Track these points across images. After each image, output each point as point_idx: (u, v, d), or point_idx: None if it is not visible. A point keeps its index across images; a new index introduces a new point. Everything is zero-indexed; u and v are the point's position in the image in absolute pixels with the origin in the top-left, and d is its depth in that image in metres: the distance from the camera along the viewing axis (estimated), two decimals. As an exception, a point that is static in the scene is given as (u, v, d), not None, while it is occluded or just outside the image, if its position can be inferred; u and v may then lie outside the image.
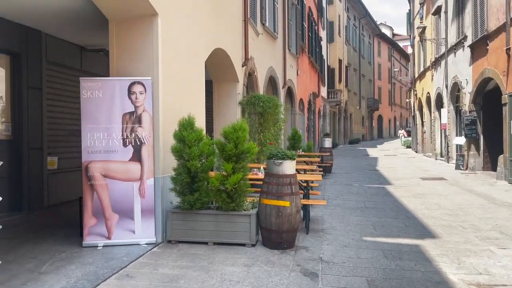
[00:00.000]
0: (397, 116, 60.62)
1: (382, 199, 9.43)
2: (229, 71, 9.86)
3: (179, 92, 6.22)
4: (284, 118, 12.96)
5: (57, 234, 6.00)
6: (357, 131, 44.21)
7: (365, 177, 13.91)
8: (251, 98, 10.17)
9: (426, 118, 23.33)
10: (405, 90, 62.76)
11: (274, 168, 5.36)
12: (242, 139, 5.32)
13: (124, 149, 5.42)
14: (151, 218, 5.49)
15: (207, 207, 5.52)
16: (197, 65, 7.13)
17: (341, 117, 37.44)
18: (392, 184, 12.00)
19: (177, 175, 5.41)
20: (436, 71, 20.05)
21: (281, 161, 5.32)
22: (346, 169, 16.34)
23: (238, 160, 5.36)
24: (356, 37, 42.82)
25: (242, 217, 5.38)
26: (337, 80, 34.64)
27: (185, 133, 5.31)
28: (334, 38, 34.06)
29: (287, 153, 5.41)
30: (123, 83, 5.43)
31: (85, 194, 5.35)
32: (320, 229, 6.49)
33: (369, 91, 48.51)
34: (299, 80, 19.38)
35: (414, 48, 26.63)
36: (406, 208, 8.35)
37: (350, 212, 7.94)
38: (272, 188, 5.32)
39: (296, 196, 5.37)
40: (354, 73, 42.17)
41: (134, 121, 5.44)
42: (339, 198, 9.51)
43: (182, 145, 5.34)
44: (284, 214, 5.25)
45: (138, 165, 5.43)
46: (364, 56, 45.99)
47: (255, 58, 11.82)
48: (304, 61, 20.85)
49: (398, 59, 57.22)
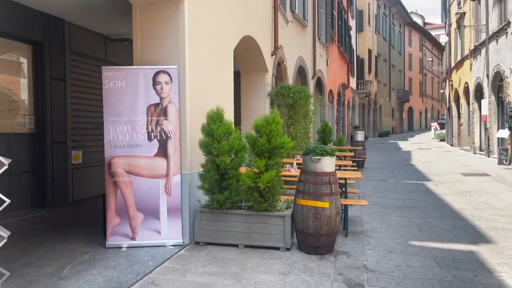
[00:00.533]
0: (429, 108, 58.60)
1: (422, 197, 8.76)
2: (258, 61, 9.35)
3: (206, 82, 5.78)
4: (314, 110, 12.38)
5: (81, 232, 5.71)
6: (386, 123, 42.92)
7: (400, 172, 13.18)
8: (280, 89, 9.65)
9: (463, 110, 22.15)
10: (437, 81, 60.64)
11: (311, 165, 4.86)
12: (275, 133, 4.83)
13: (149, 143, 5.03)
14: (178, 217, 5.10)
15: (237, 207, 5.08)
16: (226, 54, 6.67)
17: (371, 109, 36.33)
18: (431, 180, 11.25)
19: (205, 171, 4.99)
20: (476, 60, 18.89)
21: (319, 158, 4.80)
22: (379, 164, 15.61)
23: (271, 156, 4.88)
24: (386, 26, 41.38)
25: (276, 218, 4.92)
26: (367, 71, 33.54)
27: (213, 126, 4.87)
28: (364, 27, 32.94)
29: (326, 148, 4.89)
30: (147, 72, 5.02)
31: (108, 192, 5.00)
32: (360, 231, 5.94)
33: (399, 82, 46.95)
34: (329, 71, 18.66)
35: (450, 36, 25.31)
36: (452, 207, 7.68)
37: (390, 211, 7.34)
38: (309, 188, 4.82)
39: (336, 196, 4.85)
40: (384, 63, 40.82)
41: (160, 114, 5.03)
42: (376, 196, 8.89)
43: (211, 139, 4.91)
44: (323, 216, 4.74)
45: (164, 160, 5.04)
46: (395, 46, 44.44)
47: (285, 47, 11.26)
48: (334, 50, 20.08)
49: (429, 49, 55.13)
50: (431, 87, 58.93)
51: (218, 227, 5.06)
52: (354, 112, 30.20)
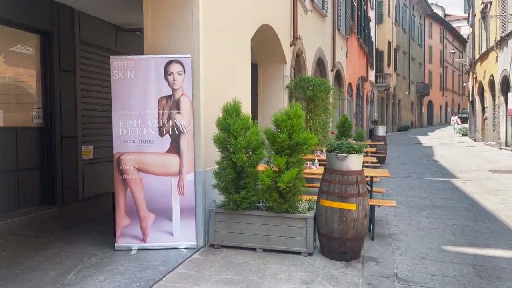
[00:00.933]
0: (449, 102, 57.12)
1: (451, 196, 8.23)
2: (276, 51, 8.92)
3: (222, 73, 5.39)
4: (333, 103, 11.89)
5: (90, 232, 5.42)
6: (405, 117, 41.93)
7: (424, 168, 12.60)
8: (299, 81, 9.20)
9: (488, 104, 21.27)
10: (458, 74, 59.01)
11: (336, 163, 4.43)
12: (297, 128, 4.41)
13: (161, 139, 4.68)
14: (191, 218, 4.74)
15: (255, 208, 4.69)
16: (243, 43, 6.26)
17: (389, 103, 35.45)
18: (458, 178, 10.67)
19: (220, 169, 4.61)
20: (502, 51, 18.03)
21: (345, 155, 4.37)
22: (400, 159, 15.02)
23: (292, 153, 4.47)
24: (406, 17, 40.26)
25: (297, 220, 4.51)
26: (386, 64, 32.66)
27: (229, 120, 4.47)
28: (383, 18, 32.02)
29: (353, 145, 4.45)
30: (158, 62, 4.66)
31: (117, 191, 4.67)
32: (387, 234, 5.50)
33: (419, 75, 45.77)
34: (348, 63, 18.08)
35: (474, 27, 24.33)
36: (484, 208, 7.15)
37: (418, 211, 6.86)
38: (334, 188, 4.40)
39: (363, 198, 4.41)
40: (404, 56, 39.78)
41: (172, 107, 4.67)
42: (401, 194, 8.40)
43: (227, 134, 4.52)
44: (349, 219, 4.32)
45: (177, 157, 4.68)
46: (414, 38, 43.27)
47: (304, 37, 10.78)
48: (353, 42, 19.46)
49: (450, 41, 53.59)
50: (451, 80, 57.40)
51: (234, 229, 4.68)
52: (373, 106, 29.47)
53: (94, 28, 7.09)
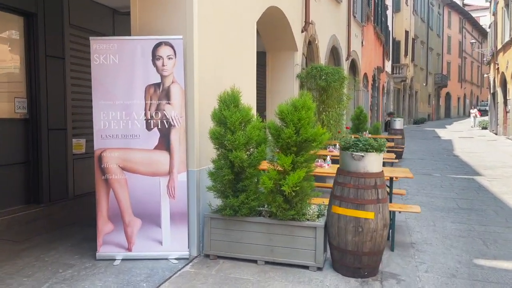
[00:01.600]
0: (468, 94, 55.42)
1: (477, 196, 7.49)
2: (286, 38, 8.21)
3: (222, 59, 4.73)
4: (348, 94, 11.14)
5: (75, 236, 4.87)
6: (422, 110, 40.68)
7: (444, 164, 11.80)
8: (311, 69, 8.49)
9: (511, 96, 20.17)
10: (477, 66, 57.14)
11: (351, 164, 3.76)
12: (306, 122, 3.75)
13: (148, 133, 4.07)
14: (183, 224, 4.14)
15: (256, 214, 4.06)
16: (247, 26, 5.59)
17: (406, 94, 34.31)
18: (482, 175, 9.88)
19: (216, 169, 3.98)
20: (530, 40, 16.93)
21: (362, 154, 3.70)
22: (418, 154, 14.21)
23: (299, 151, 3.81)
24: (424, 6, 38.83)
25: (305, 229, 3.87)
26: (403, 54, 31.51)
27: (226, 112, 3.83)
28: (401, 7, 30.80)
29: (372, 142, 3.77)
30: (145, 44, 4.03)
31: (99, 192, 4.09)
32: (409, 243, 4.82)
33: (437, 66, 44.32)
34: (364, 52, 17.21)
35: (497, 16, 23.09)
36: (516, 211, 6.40)
37: (442, 215, 6.15)
38: (349, 193, 3.74)
39: (383, 205, 3.75)
40: (421, 46, 38.45)
41: (161, 96, 4.05)
42: (421, 194, 7.68)
43: (223, 129, 3.88)
44: (366, 229, 3.66)
45: (167, 154, 4.07)
46: (433, 27, 41.79)
47: (316, 23, 10.03)
48: (370, 30, 18.54)
49: (469, 31, 51.78)
50: (470, 71, 55.63)
51: (232, 238, 4.07)
52: (389, 97, 28.47)
53: (85, 11, 6.49)
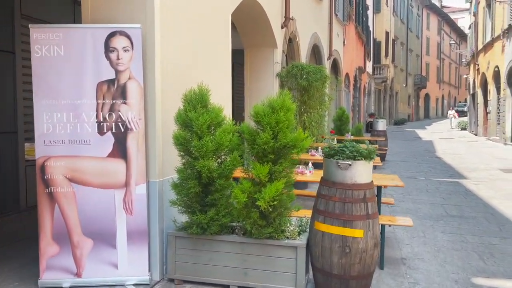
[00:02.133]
0: (446, 95, 56.14)
1: (465, 202, 7.12)
2: (265, 34, 7.69)
3: (191, 53, 4.17)
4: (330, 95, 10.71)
5: (20, 257, 4.21)
6: (402, 110, 40.85)
7: (428, 167, 11.48)
8: (292, 68, 7.99)
9: (491, 97, 20.18)
10: (455, 67, 57.98)
11: (337, 174, 3.25)
12: (284, 125, 3.22)
13: (101, 138, 3.47)
14: (143, 245, 3.56)
15: (228, 231, 3.51)
16: (221, 18, 5.04)
17: (387, 95, 34.31)
18: (468, 178, 9.57)
19: (181, 180, 3.41)
20: (510, 41, 16.89)
21: (350, 163, 3.19)
22: (401, 156, 13.90)
23: (277, 158, 3.28)
24: (404, 8, 38.98)
25: (284, 249, 3.35)
26: (383, 55, 31.46)
27: (192, 114, 3.27)
28: (381, 8, 30.74)
29: (360, 148, 3.27)
30: (97, 34, 3.43)
31: (41, 208, 3.47)
32: (400, 259, 4.35)
33: (416, 68, 44.62)
34: (346, 52, 16.86)
35: (477, 16, 23.16)
36: (508, 218, 6.03)
37: (432, 224, 5.73)
38: (334, 207, 3.23)
39: (374, 221, 3.25)
40: (401, 47, 38.58)
41: (116, 95, 3.46)
42: (408, 199, 7.27)
43: (189, 133, 3.32)
44: (355, 250, 3.16)
45: (123, 163, 3.48)
46: (412, 29, 42.04)
47: (297, 20, 9.56)
48: (351, 30, 18.22)
49: (448, 33, 52.45)
50: (448, 73, 56.39)
51: (200, 259, 3.51)
52: (370, 98, 28.34)
53: (40, 1, 5.81)
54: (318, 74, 7.97)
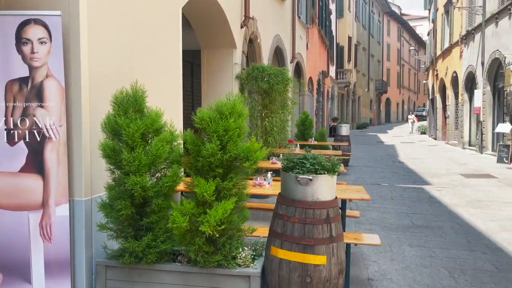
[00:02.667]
0: (405, 100, 57.77)
1: (430, 210, 6.89)
2: (223, 33, 7.20)
3: (128, 48, 3.60)
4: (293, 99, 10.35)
5: None
6: (365, 115, 41.51)
7: (391, 172, 11.35)
8: (252, 70, 7.54)
9: (450, 101, 20.65)
10: (414, 73, 59.83)
11: (296, 190, 2.78)
12: (235, 134, 2.73)
13: (10, 149, 2.84)
14: (65, 277, 2.95)
15: (170, 258, 2.96)
16: (169, 12, 4.49)
17: (349, 100, 34.68)
18: (431, 184, 9.45)
19: (111, 199, 2.84)
20: (467, 47, 17.28)
21: (311, 177, 2.74)
22: (364, 161, 13.77)
23: (227, 173, 2.78)
24: (365, 14, 39.71)
25: (235, 279, 2.84)
26: (346, 60, 31.74)
27: (122, 120, 2.71)
28: (344, 13, 31.03)
29: (322, 161, 2.82)
30: (6, 22, 2.81)
31: None
32: (366, 279, 3.95)
33: (377, 73, 45.57)
34: (309, 56, 16.65)
35: (436, 23, 23.74)
36: (475, 228, 5.81)
37: (398, 236, 5.40)
38: (293, 229, 2.76)
39: (338, 244, 2.81)
40: (363, 52, 39.22)
41: (30, 96, 2.84)
42: (373, 208, 6.96)
43: (118, 143, 2.76)
44: (317, 279, 2.70)
45: (39, 179, 2.86)
46: (374, 35, 42.90)
47: (259, 21, 9.13)
48: (314, 33, 18.07)
49: (407, 40, 54.05)
50: (408, 78, 58.09)
51: (136, 293, 2.94)
52: (333, 102, 28.45)
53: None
54: (279, 77, 7.55)
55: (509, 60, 12.74)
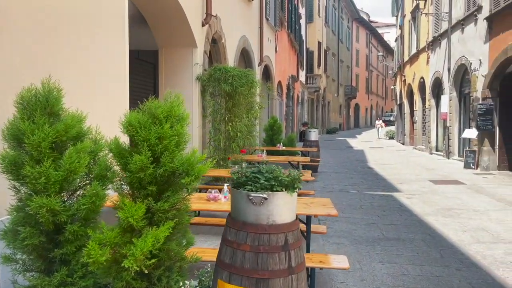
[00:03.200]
0: (374, 105, 58.74)
1: (400, 220, 6.58)
2: (182, 30, 6.67)
3: (44, 31, 3.01)
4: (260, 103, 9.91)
5: None
6: (334, 120, 41.73)
7: (360, 178, 11.08)
8: (215, 71, 7.04)
9: (417, 107, 20.82)
10: (382, 79, 60.98)
11: (248, 211, 2.29)
12: (172, 143, 2.21)
13: None
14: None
15: (94, 296, 2.40)
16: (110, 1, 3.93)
17: (319, 104, 34.70)
18: (400, 191, 9.21)
19: (13, 224, 2.25)
20: (434, 53, 17.42)
21: (265, 196, 2.25)
22: (333, 167, 13.49)
23: (162, 191, 2.26)
24: (335, 19, 40.00)
25: (174, 320, 2.31)
26: (316, 64, 31.74)
27: (26, 125, 2.13)
28: (314, 18, 31.03)
29: (279, 175, 2.35)
30: None
31: None
32: (333, 307, 3.51)
33: (347, 78, 46.02)
34: (278, 59, 16.31)
35: (403, 29, 23.99)
36: (447, 240, 5.51)
37: (368, 250, 5.01)
38: (244, 259, 2.26)
39: (298, 275, 2.33)
40: (333, 58, 39.44)
41: None
42: (341, 219, 6.57)
43: (19, 155, 2.18)
44: (272, 321, 2.21)
45: None
46: (343, 40, 43.30)
47: (223, 20, 8.65)
48: (283, 37, 17.77)
49: (376, 46, 55.04)
50: (376, 84, 59.11)
51: None
52: (303, 107, 28.30)
53: None
54: (244, 79, 7.08)
55: (475, 66, 12.80)
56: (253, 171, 2.34)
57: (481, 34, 12.48)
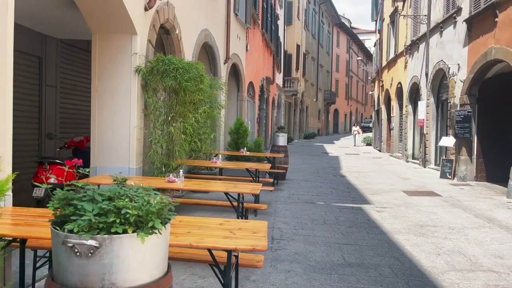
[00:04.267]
0: (353, 111, 58.55)
1: (367, 239, 5.72)
2: (117, 14, 5.67)
3: None
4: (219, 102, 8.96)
5: None
6: (313, 125, 41.13)
7: (330, 188, 10.23)
8: (157, 63, 6.05)
9: (394, 113, 20.23)
10: (362, 85, 60.92)
11: (71, 266, 1.33)
12: None
13: None
14: None
15: None
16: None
17: (297, 109, 33.98)
18: (371, 203, 8.38)
19: None
20: (412, 57, 16.83)
21: (96, 243, 1.28)
22: (304, 174, 12.63)
23: None
24: (315, 23, 39.49)
25: None
26: (294, 68, 30.99)
27: None
28: (293, 20, 30.35)
29: (128, 205, 1.38)
30: None
31: None
32: None
33: (326, 83, 45.56)
34: (249, 58, 15.39)
35: (382, 33, 23.48)
36: (418, 267, 4.64)
37: (322, 281, 4.09)
38: None
39: None
40: (312, 62, 38.88)
41: None
42: (299, 237, 5.66)
43: None
44: None
45: None
46: (323, 45, 42.84)
47: (178, 7, 7.69)
48: (257, 36, 16.88)
49: (356, 52, 54.88)
50: (356, 90, 58.99)
51: None
52: (280, 111, 27.47)
53: None
54: (191, 72, 6.11)
55: (453, 71, 12.17)
56: (80, 196, 1.38)
57: (460, 38, 11.86)
